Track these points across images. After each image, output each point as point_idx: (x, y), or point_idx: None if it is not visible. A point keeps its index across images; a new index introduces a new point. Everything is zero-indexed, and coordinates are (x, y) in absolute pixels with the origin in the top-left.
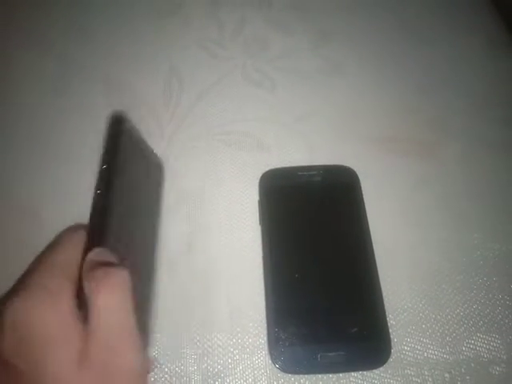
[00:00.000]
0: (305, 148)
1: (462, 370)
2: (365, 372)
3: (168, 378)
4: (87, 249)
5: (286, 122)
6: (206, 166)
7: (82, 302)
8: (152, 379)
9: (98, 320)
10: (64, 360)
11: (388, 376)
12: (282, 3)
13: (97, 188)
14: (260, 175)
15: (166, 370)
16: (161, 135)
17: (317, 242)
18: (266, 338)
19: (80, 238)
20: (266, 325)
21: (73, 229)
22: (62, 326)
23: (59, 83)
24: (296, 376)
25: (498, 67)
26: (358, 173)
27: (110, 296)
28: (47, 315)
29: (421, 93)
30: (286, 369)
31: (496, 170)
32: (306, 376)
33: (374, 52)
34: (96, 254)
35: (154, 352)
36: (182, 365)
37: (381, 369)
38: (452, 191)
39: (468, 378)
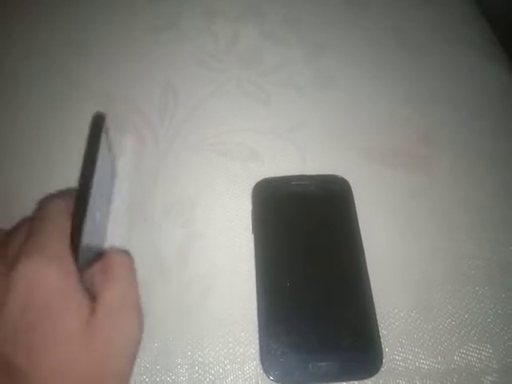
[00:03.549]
0: (298, 158)
1: (454, 380)
2: (356, 382)
3: None
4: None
5: (280, 132)
6: (200, 176)
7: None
8: None
9: (104, 298)
10: (68, 327)
11: None
12: (276, 17)
13: (82, 173)
14: (253, 185)
15: (158, 380)
16: (156, 146)
17: (309, 252)
18: (257, 348)
19: (67, 206)
20: (257, 334)
21: (57, 197)
22: (68, 295)
23: (58, 97)
24: None
25: (489, 80)
26: (350, 182)
27: (117, 282)
28: (55, 282)
29: (413, 105)
30: (277, 378)
31: (487, 182)
32: None
33: (367, 64)
34: None
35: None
36: (173, 375)
37: (372, 379)
38: (444, 202)
39: None
